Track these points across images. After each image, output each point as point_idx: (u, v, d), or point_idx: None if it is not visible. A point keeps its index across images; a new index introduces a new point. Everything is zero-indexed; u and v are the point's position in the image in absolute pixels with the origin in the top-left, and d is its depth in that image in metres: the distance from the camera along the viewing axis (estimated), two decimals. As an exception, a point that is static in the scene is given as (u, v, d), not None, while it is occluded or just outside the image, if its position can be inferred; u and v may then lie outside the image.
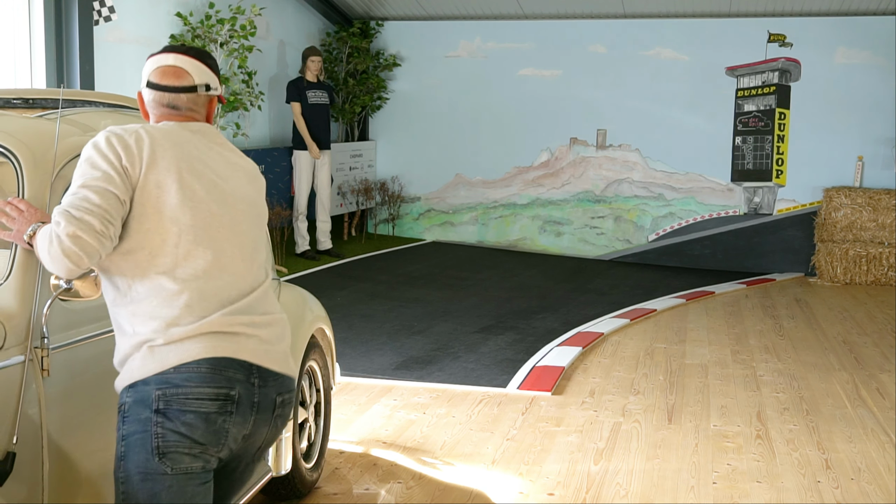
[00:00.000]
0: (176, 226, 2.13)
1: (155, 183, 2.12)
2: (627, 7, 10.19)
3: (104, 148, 2.11)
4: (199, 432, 2.09)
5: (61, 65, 6.08)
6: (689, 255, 10.46)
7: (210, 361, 2.10)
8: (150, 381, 2.10)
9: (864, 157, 9.95)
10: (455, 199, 11.14)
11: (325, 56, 10.35)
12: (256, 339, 2.19)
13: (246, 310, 2.19)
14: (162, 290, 2.11)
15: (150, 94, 2.30)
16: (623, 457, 4.44)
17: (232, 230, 2.22)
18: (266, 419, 2.23)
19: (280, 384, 2.25)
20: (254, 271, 2.27)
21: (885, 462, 4.45)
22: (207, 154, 2.25)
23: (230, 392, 2.11)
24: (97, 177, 2.07)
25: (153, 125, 2.24)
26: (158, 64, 2.29)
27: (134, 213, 2.11)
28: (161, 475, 2.08)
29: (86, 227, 2.00)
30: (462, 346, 6.40)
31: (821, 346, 6.79)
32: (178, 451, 2.08)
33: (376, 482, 4.06)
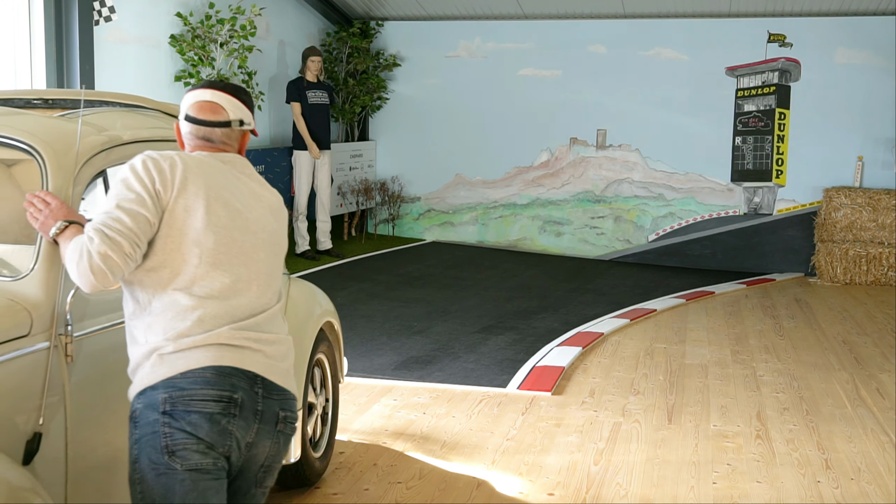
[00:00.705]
0: (198, 248, 2.25)
1: (183, 207, 2.25)
2: (627, 7, 10.19)
3: (140, 171, 2.25)
4: (203, 431, 2.17)
5: (61, 65, 6.08)
6: (689, 256, 10.46)
7: (216, 368, 2.20)
8: (157, 386, 2.20)
9: (864, 157, 9.96)
10: (455, 200, 11.14)
11: (325, 56, 10.35)
12: (262, 354, 2.29)
13: (254, 327, 2.30)
14: (177, 305, 2.23)
15: (187, 127, 2.44)
16: (623, 457, 4.44)
17: (250, 257, 2.34)
18: (269, 431, 2.29)
19: (283, 399, 2.34)
20: (267, 296, 2.37)
21: (884, 462, 4.45)
22: (235, 184, 2.38)
23: (233, 395, 2.20)
24: (131, 199, 2.21)
25: (187, 154, 2.38)
26: (196, 99, 2.43)
27: (161, 233, 2.24)
28: (172, 471, 2.16)
29: (116, 247, 2.14)
30: (462, 346, 6.40)
31: (821, 346, 6.79)
32: (187, 449, 2.16)
33: (376, 482, 4.06)
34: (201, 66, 7.64)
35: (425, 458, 4.36)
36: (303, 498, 3.87)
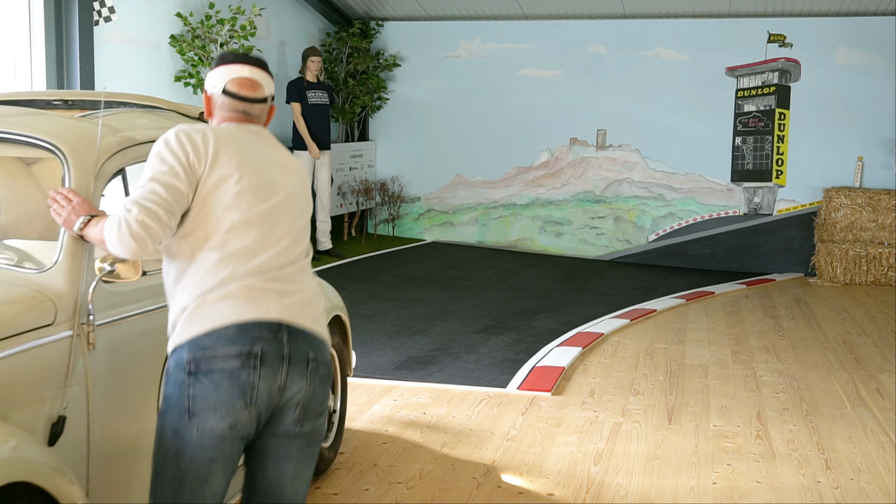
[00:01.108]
0: (231, 212, 2.38)
1: (217, 176, 2.38)
2: (627, 7, 10.19)
3: (174, 145, 2.36)
4: (223, 388, 2.27)
5: (61, 65, 6.08)
6: (689, 256, 10.46)
7: (238, 325, 2.30)
8: (185, 345, 2.33)
9: (864, 157, 9.96)
10: (455, 200, 11.14)
11: (325, 56, 10.36)
12: (287, 302, 2.38)
13: (281, 278, 2.40)
14: (208, 264, 2.35)
15: (225, 100, 2.54)
16: (623, 457, 4.44)
17: (279, 217, 2.46)
18: (300, 372, 2.36)
19: (312, 341, 2.41)
20: (296, 251, 2.49)
21: (884, 462, 4.45)
22: (261, 152, 2.51)
23: (252, 349, 2.29)
24: (165, 171, 2.33)
25: (217, 126, 2.51)
26: (236, 75, 2.53)
27: (196, 201, 2.37)
28: (186, 436, 2.28)
29: (153, 215, 2.26)
30: (462, 346, 6.40)
31: (820, 346, 6.79)
32: (205, 410, 2.27)
33: (376, 482, 4.06)
34: (201, 66, 7.64)
35: (425, 458, 4.36)
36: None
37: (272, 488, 2.42)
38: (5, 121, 2.83)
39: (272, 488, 2.42)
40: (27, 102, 3.43)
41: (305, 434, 2.42)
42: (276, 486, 2.42)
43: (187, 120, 3.49)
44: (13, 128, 2.78)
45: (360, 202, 10.66)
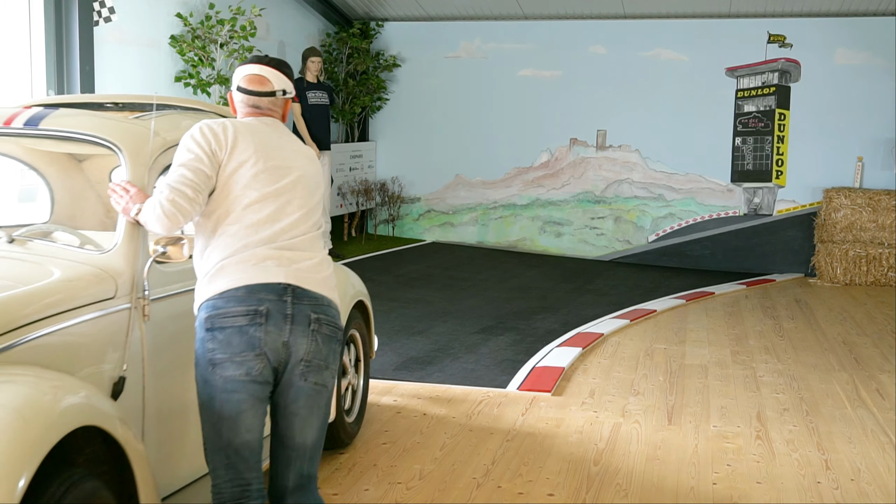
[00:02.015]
0: (249, 191, 2.72)
1: (237, 161, 2.73)
2: (627, 7, 10.20)
3: (198, 136, 2.74)
4: (235, 341, 2.61)
5: (61, 65, 6.08)
6: (689, 256, 10.46)
7: (247, 287, 2.63)
8: (203, 305, 2.69)
9: (864, 157, 9.96)
10: (455, 200, 11.14)
11: (325, 57, 10.36)
12: (295, 267, 2.70)
13: (291, 246, 2.73)
14: (228, 235, 2.70)
15: (239, 96, 2.91)
16: (623, 457, 4.44)
17: (292, 193, 2.79)
18: (303, 331, 2.66)
19: (315, 303, 2.71)
20: (307, 224, 2.81)
21: (884, 463, 4.45)
22: (276, 141, 2.85)
23: (259, 308, 2.61)
24: (191, 158, 2.70)
25: (237, 119, 2.87)
26: (247, 73, 2.90)
27: (219, 183, 2.73)
28: (213, 383, 2.63)
29: (181, 194, 2.64)
30: (462, 346, 6.40)
31: (820, 346, 6.79)
32: (224, 361, 2.61)
33: (376, 482, 4.06)
34: (201, 66, 7.64)
35: (425, 458, 4.35)
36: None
37: (284, 437, 2.73)
38: (70, 121, 3.23)
39: (284, 437, 2.73)
40: (84, 105, 3.83)
41: (311, 386, 2.71)
42: (288, 435, 2.72)
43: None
44: (78, 128, 3.20)
45: (360, 202, 10.66)
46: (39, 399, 2.28)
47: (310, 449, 2.77)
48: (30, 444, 2.13)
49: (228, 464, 2.66)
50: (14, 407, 2.19)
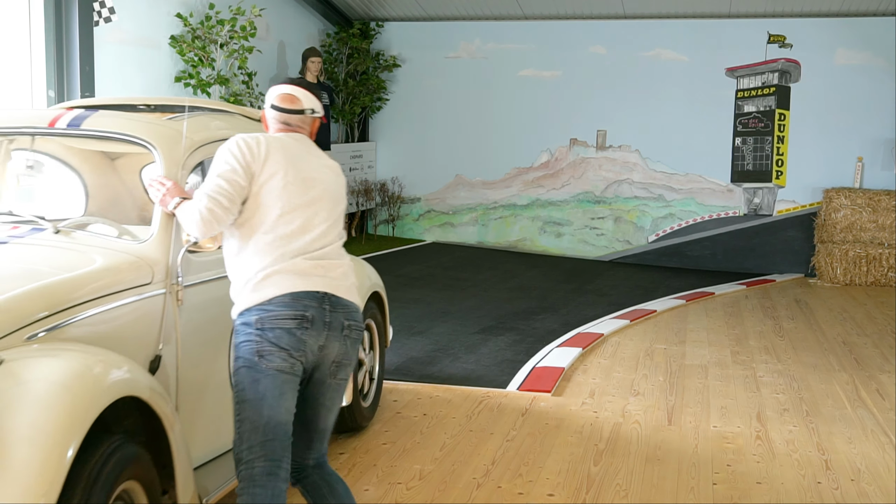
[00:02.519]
0: (279, 201, 2.97)
1: (268, 173, 2.98)
2: (627, 7, 10.20)
3: (234, 149, 2.98)
4: (283, 341, 2.88)
5: (61, 65, 6.08)
6: (689, 256, 10.46)
7: (292, 294, 2.91)
8: (252, 309, 2.93)
9: (864, 157, 9.96)
10: (455, 200, 11.14)
11: (324, 57, 10.36)
12: (328, 277, 2.99)
13: (321, 257, 3.01)
14: (262, 244, 2.95)
15: (271, 113, 3.18)
16: (623, 457, 4.44)
17: (318, 205, 3.05)
18: (336, 336, 2.98)
19: (347, 311, 3.02)
20: (332, 234, 3.09)
21: (884, 463, 4.45)
22: (304, 155, 3.12)
23: (305, 314, 2.91)
24: (227, 169, 2.95)
25: (269, 134, 3.12)
26: (279, 92, 3.19)
27: (252, 193, 2.97)
28: (260, 369, 2.88)
29: (218, 203, 2.89)
30: (462, 346, 6.40)
31: (820, 346, 6.79)
32: (272, 354, 2.88)
33: (376, 482, 4.06)
34: (201, 66, 7.64)
35: (425, 458, 4.35)
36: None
37: (309, 422, 3.08)
38: (109, 123, 3.55)
39: (309, 422, 3.08)
40: (117, 106, 4.16)
41: (336, 382, 3.07)
42: (312, 421, 3.08)
43: (253, 121, 4.19)
44: (117, 128, 3.50)
45: (360, 203, 10.66)
46: (86, 372, 2.52)
47: (327, 431, 3.15)
48: (78, 413, 2.36)
49: (265, 441, 2.89)
50: (63, 380, 2.42)
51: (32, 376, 2.41)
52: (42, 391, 2.36)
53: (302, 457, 3.09)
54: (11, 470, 2.19)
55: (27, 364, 2.46)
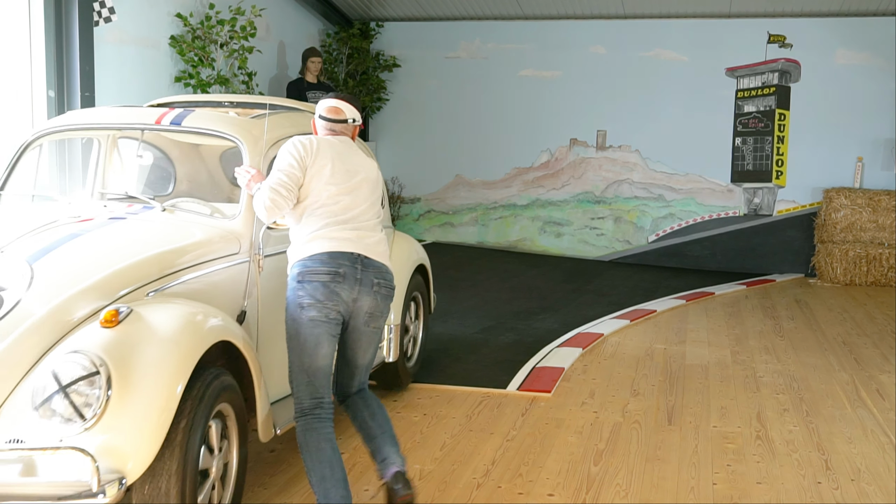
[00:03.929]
0: (328, 187, 3.62)
1: (319, 165, 3.64)
2: (627, 7, 10.20)
3: (292, 149, 3.64)
4: (319, 293, 3.47)
5: (61, 65, 6.08)
6: (689, 256, 10.46)
7: (329, 253, 3.52)
8: (296, 265, 3.55)
9: (864, 157, 9.96)
10: (455, 200, 11.14)
11: (325, 57, 10.35)
12: (363, 242, 3.61)
13: (358, 227, 3.63)
14: (315, 217, 3.60)
15: (320, 122, 3.86)
16: (623, 457, 4.44)
17: (358, 191, 3.71)
18: (367, 291, 3.56)
19: (378, 271, 3.61)
20: (369, 214, 3.72)
21: (885, 463, 4.45)
22: (347, 152, 3.79)
23: (338, 270, 3.50)
24: (287, 164, 3.60)
25: (319, 136, 3.80)
26: (327, 105, 3.85)
27: (307, 180, 3.61)
28: (300, 321, 3.48)
29: (279, 194, 3.54)
30: (462, 346, 6.40)
31: (821, 347, 6.79)
32: (310, 305, 3.46)
33: (376, 482, 4.05)
34: (201, 66, 7.64)
35: (425, 458, 4.35)
36: (303, 497, 3.88)
37: (350, 360, 3.70)
38: (205, 121, 4.21)
39: (350, 360, 3.70)
40: (205, 103, 4.99)
41: (371, 330, 3.66)
42: (352, 358, 3.70)
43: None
44: (211, 125, 4.18)
45: (360, 203, 10.65)
46: (192, 320, 3.20)
47: (366, 366, 3.77)
48: (189, 350, 3.05)
49: (308, 381, 3.51)
50: (177, 325, 3.10)
51: (154, 322, 3.07)
52: (163, 333, 3.04)
53: (347, 385, 3.77)
54: (144, 389, 2.88)
55: (150, 313, 3.12)
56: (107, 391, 2.82)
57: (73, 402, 2.80)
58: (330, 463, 3.45)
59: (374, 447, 3.64)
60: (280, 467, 4.22)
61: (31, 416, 2.82)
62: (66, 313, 3.07)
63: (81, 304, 3.12)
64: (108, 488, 2.70)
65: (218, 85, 7.76)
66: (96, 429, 2.79)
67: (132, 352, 2.92)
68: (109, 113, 4.44)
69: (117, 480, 2.74)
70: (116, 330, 2.97)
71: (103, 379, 2.82)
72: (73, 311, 3.09)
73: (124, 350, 2.91)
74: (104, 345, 2.90)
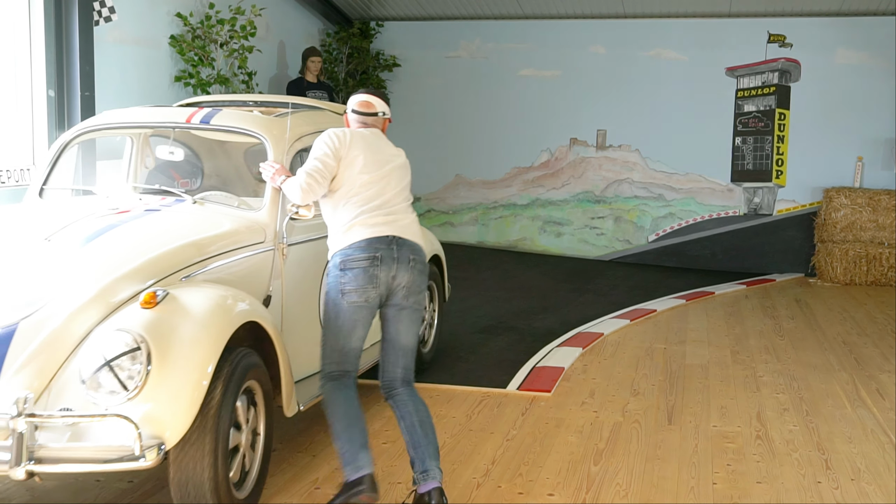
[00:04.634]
0: (361, 177, 3.87)
1: (353, 155, 3.88)
2: (627, 7, 10.20)
3: (328, 140, 3.90)
4: (360, 278, 3.73)
5: (61, 65, 6.08)
6: (689, 256, 10.46)
7: (366, 240, 3.76)
8: (337, 254, 3.80)
9: (864, 157, 9.96)
10: (455, 200, 11.14)
11: (324, 56, 10.35)
12: (396, 224, 3.86)
13: (391, 212, 3.88)
14: (350, 204, 3.84)
15: (353, 116, 4.12)
16: (623, 457, 4.44)
17: (389, 178, 3.96)
18: (404, 267, 3.81)
19: (412, 249, 3.86)
20: (400, 199, 3.97)
21: (885, 462, 4.45)
22: (377, 143, 4.04)
23: (375, 255, 3.75)
24: (322, 153, 3.86)
25: (351, 129, 4.04)
26: (359, 99, 4.11)
27: (341, 169, 3.86)
28: (341, 305, 3.74)
29: (313, 178, 3.80)
30: (462, 346, 6.40)
31: (821, 346, 6.79)
32: (351, 290, 3.73)
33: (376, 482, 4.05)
34: (201, 66, 7.64)
35: (425, 458, 4.35)
36: (303, 497, 3.88)
37: (393, 340, 3.87)
38: (232, 119, 4.54)
39: (393, 340, 3.87)
40: (230, 103, 5.35)
41: (410, 305, 3.86)
42: (395, 338, 3.87)
43: (337, 115, 5.06)
44: (238, 124, 4.51)
45: (360, 202, 10.65)
46: (223, 303, 3.52)
47: (410, 349, 3.90)
48: (220, 330, 3.36)
49: (340, 360, 3.80)
50: (209, 307, 3.42)
51: (189, 304, 3.37)
52: (196, 314, 3.34)
53: (392, 371, 3.87)
54: (181, 364, 3.19)
55: (184, 295, 3.42)
56: (147, 366, 3.14)
57: (118, 375, 3.13)
58: (356, 415, 3.74)
59: (418, 456, 3.69)
60: (280, 466, 4.22)
61: (80, 387, 3.14)
62: (110, 295, 3.39)
63: (123, 288, 3.43)
64: (148, 453, 3.00)
65: (218, 84, 7.76)
66: (138, 399, 3.10)
67: (169, 330, 3.24)
68: (143, 113, 4.79)
69: (157, 446, 3.04)
70: (155, 311, 3.29)
71: (144, 355, 3.14)
72: (115, 293, 3.40)
73: (162, 329, 3.23)
74: (144, 324, 3.22)
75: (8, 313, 3.27)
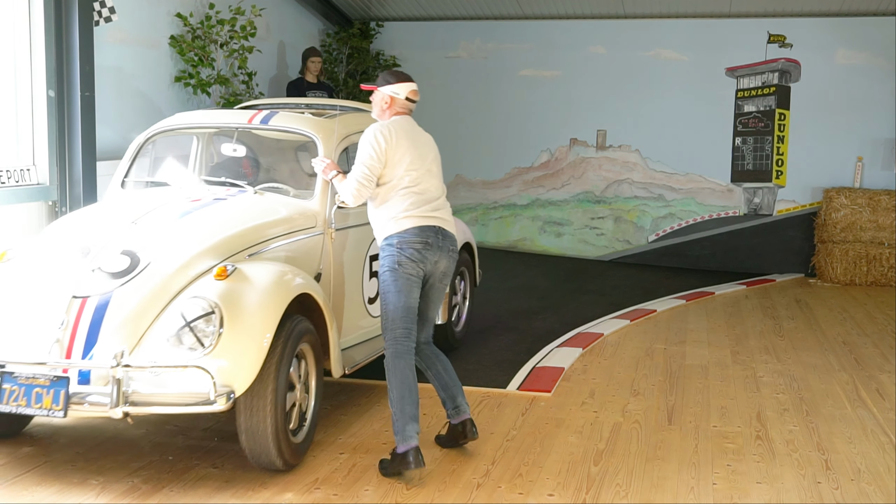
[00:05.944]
0: (409, 174, 4.35)
1: (400, 153, 4.33)
2: (627, 7, 10.20)
3: (373, 141, 4.32)
4: (414, 257, 4.27)
5: (61, 65, 6.07)
6: (689, 256, 10.46)
7: (419, 227, 4.31)
8: (393, 236, 4.31)
9: (864, 157, 9.96)
10: (455, 200, 11.13)
11: (324, 57, 10.35)
12: (441, 219, 4.41)
13: (436, 206, 4.41)
14: (400, 196, 4.34)
15: (403, 102, 4.48)
16: (623, 457, 4.44)
17: (430, 170, 4.47)
18: (445, 254, 4.39)
19: (450, 241, 4.43)
20: (440, 190, 4.51)
21: (884, 463, 4.46)
22: (416, 133, 4.49)
23: (427, 240, 4.31)
24: (368, 157, 4.30)
25: (392, 121, 4.44)
26: (411, 88, 4.49)
27: (388, 165, 4.32)
28: (399, 274, 4.26)
29: (362, 185, 4.31)
30: (462, 346, 6.40)
31: (821, 346, 6.79)
32: (406, 264, 4.26)
33: (376, 482, 4.06)
34: (201, 66, 7.64)
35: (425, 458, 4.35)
36: (303, 497, 3.88)
37: (422, 312, 4.44)
38: (288, 121, 5.21)
39: (422, 312, 4.44)
40: (285, 105, 6.06)
41: (442, 287, 4.48)
42: (424, 311, 4.45)
43: None
44: (293, 124, 5.18)
45: (360, 202, 10.65)
46: (282, 277, 4.16)
47: (433, 320, 4.56)
48: (280, 299, 4.01)
49: (402, 317, 4.27)
50: (271, 280, 4.06)
51: (253, 277, 4.03)
52: (260, 285, 3.99)
53: (419, 336, 4.45)
54: (247, 329, 3.83)
55: (250, 270, 4.08)
56: (220, 327, 3.79)
57: (196, 335, 3.79)
58: (410, 388, 4.19)
59: (449, 395, 4.42)
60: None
61: (164, 345, 3.81)
62: (188, 269, 4.06)
63: (199, 263, 4.10)
64: (220, 399, 3.66)
65: (218, 85, 7.76)
66: (212, 355, 3.75)
67: (238, 298, 3.89)
68: (211, 115, 5.63)
69: (227, 394, 3.69)
70: (226, 282, 3.95)
71: (217, 318, 3.80)
72: (193, 267, 4.07)
73: (232, 297, 3.89)
74: (218, 292, 3.88)
75: (106, 283, 3.94)
